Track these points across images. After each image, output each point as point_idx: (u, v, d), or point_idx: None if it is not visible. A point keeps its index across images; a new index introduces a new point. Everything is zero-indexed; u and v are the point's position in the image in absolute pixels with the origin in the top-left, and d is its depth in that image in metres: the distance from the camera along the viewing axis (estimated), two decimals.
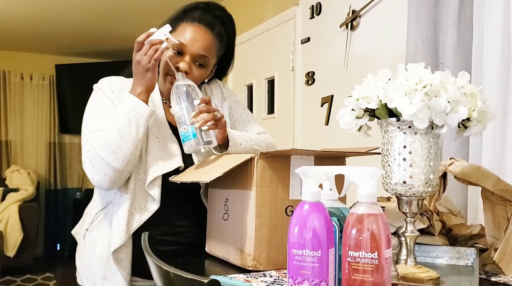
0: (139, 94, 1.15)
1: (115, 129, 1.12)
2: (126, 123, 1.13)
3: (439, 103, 0.84)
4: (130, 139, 1.13)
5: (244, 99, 3.51)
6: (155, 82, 1.18)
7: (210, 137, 1.16)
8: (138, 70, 1.16)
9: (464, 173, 1.09)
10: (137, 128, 1.14)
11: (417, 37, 1.75)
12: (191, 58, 1.23)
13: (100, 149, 1.13)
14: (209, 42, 1.24)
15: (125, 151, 1.12)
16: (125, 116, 1.13)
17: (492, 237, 1.05)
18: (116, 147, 1.12)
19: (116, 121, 1.14)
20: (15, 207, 4.55)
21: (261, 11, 3.31)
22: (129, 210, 1.18)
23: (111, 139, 1.12)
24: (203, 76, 1.29)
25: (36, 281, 4.35)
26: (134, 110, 1.14)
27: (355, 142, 1.42)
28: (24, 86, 5.57)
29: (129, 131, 1.13)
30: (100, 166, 1.13)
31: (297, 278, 0.73)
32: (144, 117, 1.14)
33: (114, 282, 1.20)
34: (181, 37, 1.23)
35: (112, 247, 1.17)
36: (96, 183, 1.17)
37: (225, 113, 1.38)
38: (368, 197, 0.73)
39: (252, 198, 1.03)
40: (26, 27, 4.58)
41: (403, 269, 0.92)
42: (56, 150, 5.72)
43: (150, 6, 3.89)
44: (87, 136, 1.19)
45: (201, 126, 1.12)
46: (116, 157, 1.12)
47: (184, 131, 1.15)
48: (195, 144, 1.14)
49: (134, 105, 1.14)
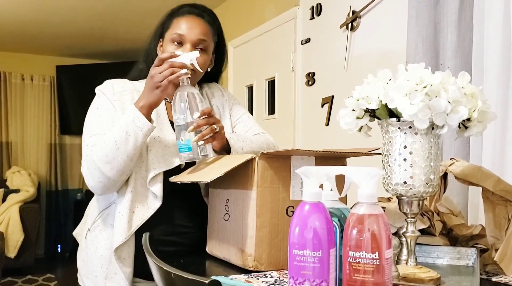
0: (141, 107, 1.15)
1: (113, 141, 1.14)
2: (124, 136, 1.14)
3: (439, 103, 0.84)
4: (126, 152, 1.14)
5: (245, 100, 3.51)
6: (161, 101, 1.18)
7: (206, 151, 1.16)
8: (149, 85, 1.16)
9: (465, 173, 1.09)
10: (135, 142, 1.15)
11: (417, 38, 1.75)
12: (192, 45, 1.27)
13: (96, 158, 1.16)
14: (204, 27, 1.30)
15: (120, 162, 1.15)
16: (124, 129, 1.14)
17: (492, 237, 1.05)
18: (112, 158, 1.14)
19: (115, 133, 1.15)
20: (16, 208, 4.55)
21: (262, 12, 3.32)
22: (130, 208, 1.19)
23: (108, 150, 1.14)
24: (207, 62, 1.32)
25: (37, 282, 4.35)
26: (134, 123, 1.14)
27: (356, 143, 1.42)
28: (24, 87, 5.57)
29: (126, 144, 1.14)
30: (96, 173, 1.16)
31: (298, 278, 0.73)
32: (143, 132, 1.15)
33: (116, 282, 1.20)
34: (177, 29, 1.27)
35: (114, 245, 1.18)
36: (91, 187, 1.20)
37: (226, 115, 1.39)
38: (369, 197, 0.73)
39: (253, 198, 1.03)
40: (27, 28, 4.58)
41: (404, 269, 0.92)
42: (56, 151, 5.73)
43: (150, 7, 3.89)
44: (86, 140, 1.22)
45: (197, 140, 1.13)
46: (111, 168, 1.15)
47: (181, 142, 1.15)
48: (190, 156, 1.15)
49: (135, 119, 1.14)
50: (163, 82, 1.13)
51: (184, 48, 1.26)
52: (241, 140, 1.26)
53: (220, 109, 1.40)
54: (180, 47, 1.26)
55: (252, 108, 3.42)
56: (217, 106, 1.40)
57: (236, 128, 1.41)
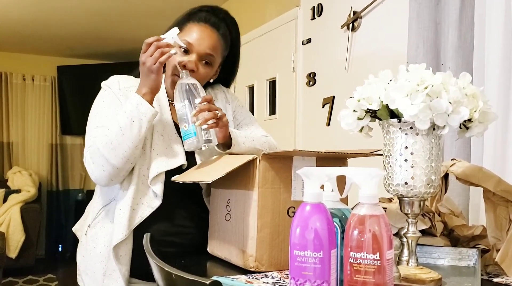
0: (144, 94, 1.17)
1: (118, 127, 1.14)
2: (129, 122, 1.14)
3: (440, 104, 0.84)
4: (131, 138, 1.14)
5: (246, 100, 3.51)
6: (159, 84, 1.19)
7: (210, 135, 1.17)
8: (143, 71, 1.18)
9: (466, 174, 1.09)
10: (139, 128, 1.15)
11: (418, 38, 1.75)
12: (198, 56, 1.26)
13: (101, 145, 1.15)
14: (215, 41, 1.28)
15: (125, 149, 1.14)
16: (129, 115, 1.15)
17: (494, 238, 1.05)
18: (117, 144, 1.14)
19: (120, 119, 1.15)
20: (17, 209, 4.56)
21: (263, 13, 3.32)
22: (131, 205, 1.19)
23: (113, 137, 1.14)
24: (209, 75, 1.32)
25: (38, 282, 4.36)
26: (138, 109, 1.15)
27: (357, 143, 1.42)
28: (25, 88, 5.58)
29: (131, 129, 1.14)
30: (100, 162, 1.16)
31: (299, 279, 0.73)
32: (147, 118, 1.16)
33: (114, 279, 1.21)
34: (187, 36, 1.26)
35: (113, 242, 1.18)
36: (94, 178, 1.19)
37: (229, 117, 1.40)
38: (370, 198, 0.73)
39: (254, 199, 1.03)
40: (28, 29, 4.59)
41: (405, 270, 0.92)
42: (57, 151, 5.73)
43: (151, 7, 3.90)
44: (90, 132, 1.22)
45: (201, 124, 1.14)
46: (116, 154, 1.14)
47: (184, 129, 1.17)
48: (195, 142, 1.16)
49: (138, 105, 1.15)
50: (156, 65, 1.14)
51: (190, 57, 1.25)
52: (242, 135, 1.27)
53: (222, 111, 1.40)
54: (186, 55, 1.26)
55: (253, 108, 3.42)
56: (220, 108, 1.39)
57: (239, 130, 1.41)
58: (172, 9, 1.33)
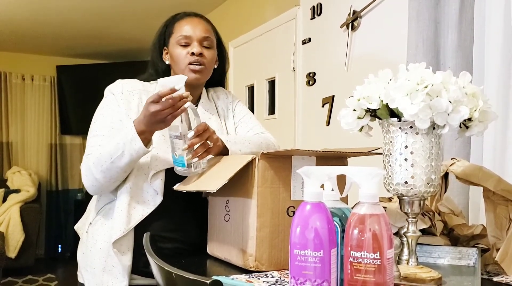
0: (141, 132, 1.15)
1: (108, 155, 1.18)
2: (120, 153, 1.17)
3: (440, 103, 0.84)
4: (119, 166, 1.18)
5: (245, 100, 3.51)
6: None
7: (199, 166, 1.17)
8: (151, 121, 1.13)
9: (466, 173, 1.09)
10: (129, 161, 1.18)
11: (418, 38, 1.75)
12: (198, 42, 1.33)
13: (92, 165, 1.21)
14: (205, 25, 1.38)
15: (113, 174, 1.20)
16: (121, 147, 1.16)
17: (494, 237, 1.05)
18: (105, 168, 1.19)
19: (112, 147, 1.18)
20: (17, 208, 4.55)
21: (262, 12, 3.31)
22: (129, 203, 1.22)
23: (103, 161, 1.19)
24: (214, 57, 1.38)
25: (38, 282, 4.35)
26: (131, 145, 1.16)
27: (356, 143, 1.42)
28: (25, 87, 5.57)
29: (120, 160, 1.17)
30: (90, 178, 1.23)
31: (299, 278, 0.73)
32: (138, 155, 1.18)
33: (113, 275, 1.22)
34: (181, 32, 1.34)
35: (112, 238, 1.20)
36: (86, 188, 1.26)
37: (230, 116, 1.45)
38: (370, 197, 0.73)
39: (254, 198, 1.03)
40: (27, 29, 4.58)
41: (405, 269, 0.92)
42: (57, 151, 5.72)
43: (151, 7, 3.89)
44: (88, 139, 1.28)
45: (190, 159, 1.16)
46: (104, 176, 1.20)
47: (175, 157, 1.17)
48: (185, 172, 1.18)
49: (132, 141, 1.16)
50: (168, 117, 1.12)
51: (192, 47, 1.31)
52: (238, 142, 1.27)
53: (224, 110, 1.45)
54: (187, 48, 1.32)
55: (253, 108, 3.42)
56: (222, 108, 1.45)
57: (239, 128, 1.44)
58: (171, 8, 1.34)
